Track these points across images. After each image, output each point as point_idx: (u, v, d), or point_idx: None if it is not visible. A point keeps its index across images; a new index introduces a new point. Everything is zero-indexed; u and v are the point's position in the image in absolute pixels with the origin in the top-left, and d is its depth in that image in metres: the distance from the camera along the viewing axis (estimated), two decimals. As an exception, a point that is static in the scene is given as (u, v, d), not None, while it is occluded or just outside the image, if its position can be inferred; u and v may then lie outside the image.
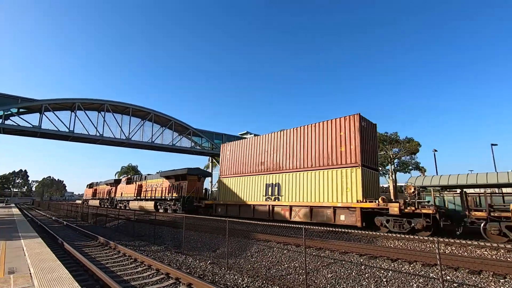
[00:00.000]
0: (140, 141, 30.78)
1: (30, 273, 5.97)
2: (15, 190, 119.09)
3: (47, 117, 25.58)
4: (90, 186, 53.45)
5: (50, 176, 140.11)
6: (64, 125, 26.34)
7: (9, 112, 24.30)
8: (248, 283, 7.38)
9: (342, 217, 13.94)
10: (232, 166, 22.18)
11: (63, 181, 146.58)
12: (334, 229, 8.73)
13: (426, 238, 6.13)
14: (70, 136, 27.17)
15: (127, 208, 32.16)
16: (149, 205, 30.09)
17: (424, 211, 11.42)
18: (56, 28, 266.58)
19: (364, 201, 13.36)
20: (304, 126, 17.45)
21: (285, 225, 8.74)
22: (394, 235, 10.76)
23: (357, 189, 13.89)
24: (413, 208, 11.73)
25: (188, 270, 8.66)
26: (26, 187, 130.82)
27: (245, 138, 40.18)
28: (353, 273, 7.57)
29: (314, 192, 15.72)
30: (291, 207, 16.41)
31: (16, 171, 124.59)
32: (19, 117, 24.77)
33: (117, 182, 39.88)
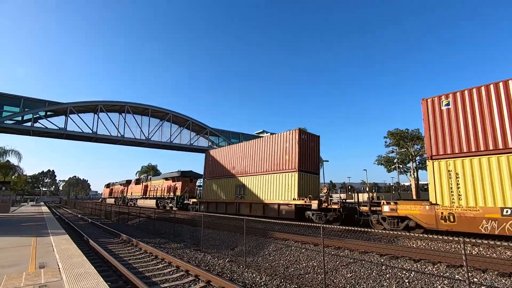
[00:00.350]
0: (159, 141, 31.54)
1: (59, 268, 6.28)
2: (44, 189, 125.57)
3: (72, 120, 26.76)
4: (108, 186, 59.57)
5: (75, 176, 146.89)
6: (88, 126, 27.46)
7: (37, 115, 25.63)
8: (266, 281, 7.39)
9: (283, 212, 17.42)
10: (213, 169, 26.01)
11: (87, 180, 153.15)
12: (353, 228, 8.57)
13: (451, 238, 5.89)
14: (93, 137, 28.28)
15: (136, 205, 35.97)
16: (152, 203, 34.07)
17: (333, 206, 14.87)
18: (69, 31, 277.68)
19: (298, 199, 16.59)
20: (262, 138, 21.84)
21: (303, 224, 8.68)
22: (417, 235, 10.40)
23: (294, 189, 17.22)
24: (326, 204, 15.12)
25: (207, 268, 8.80)
26: (53, 186, 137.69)
27: (261, 136, 40.32)
28: (374, 273, 7.40)
29: (267, 192, 19.28)
30: (251, 204, 20.03)
31: (44, 171, 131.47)
32: (47, 119, 26.08)
33: (128, 182, 44.34)
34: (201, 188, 28.01)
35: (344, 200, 16.39)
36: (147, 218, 22.23)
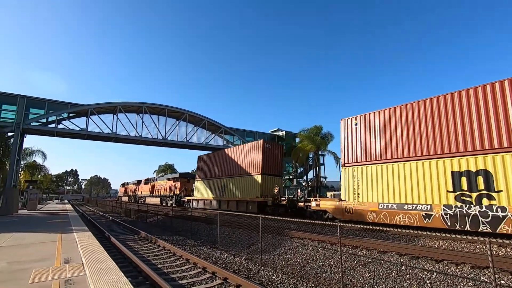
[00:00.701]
0: (176, 140, 32.07)
1: (82, 263, 6.54)
2: (67, 188, 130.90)
3: (92, 121, 27.70)
4: (123, 185, 67.01)
5: (96, 175, 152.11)
6: (108, 127, 28.31)
7: (60, 117, 26.72)
8: (282, 280, 7.37)
9: (250, 207, 21.71)
10: (202, 172, 30.84)
11: (107, 179, 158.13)
12: (371, 227, 8.38)
13: (476, 238, 5.65)
14: (113, 137, 29.15)
15: (144, 202, 40.90)
16: (156, 201, 39.37)
17: (282, 202, 19.88)
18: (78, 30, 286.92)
19: (260, 197, 20.94)
20: (237, 146, 27.21)
21: (319, 222, 8.60)
22: (439, 234, 10.05)
23: (258, 189, 21.62)
24: (277, 201, 20.09)
25: (223, 265, 8.88)
26: (76, 185, 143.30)
27: (276, 135, 40.19)
28: (393, 274, 7.22)
29: (240, 191, 23.81)
30: (228, 201, 24.73)
31: (68, 170, 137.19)
32: (69, 121, 27.14)
33: (139, 182, 50.70)
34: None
35: (292, 198, 21.43)
36: (164, 215, 22.73)
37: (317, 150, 34.00)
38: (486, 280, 6.26)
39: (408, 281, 6.77)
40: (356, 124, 15.55)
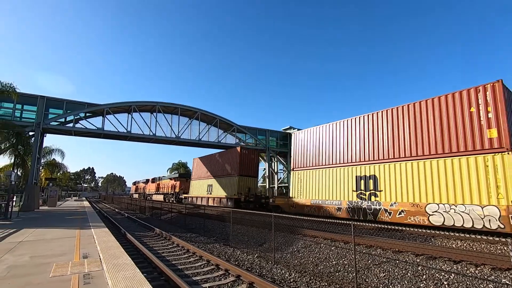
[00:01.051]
0: (189, 139, 32.43)
1: (100, 258, 6.73)
2: (85, 185, 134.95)
3: (108, 120, 28.38)
4: (134, 183, 73.29)
5: (112, 173, 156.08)
6: (123, 126, 28.95)
7: (78, 117, 27.52)
8: (295, 278, 7.35)
9: (229, 204, 25.87)
10: (195, 173, 36.24)
11: (123, 177, 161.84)
12: (385, 227, 8.21)
13: (497, 239, 5.45)
14: (128, 136, 29.78)
15: (151, 199, 47.32)
16: (161, 198, 44.87)
17: (251, 199, 25.04)
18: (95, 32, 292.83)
19: (236, 195, 25.48)
20: (222, 151, 31.47)
21: (332, 221, 8.51)
22: (457, 234, 9.77)
23: (235, 188, 26.16)
24: (247, 197, 25.21)
25: (236, 263, 8.94)
26: (93, 183, 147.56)
27: (288, 133, 40.01)
28: (409, 274, 7.07)
29: (222, 189, 28.49)
30: (214, 198, 29.32)
31: (85, 168, 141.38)
32: (86, 120, 27.91)
33: (147, 181, 56.64)
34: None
35: (259, 195, 27.41)
36: (178, 213, 23.08)
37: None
38: (508, 282, 6.05)
39: (424, 281, 6.61)
40: (302, 137, 19.99)
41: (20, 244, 8.63)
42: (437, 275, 6.82)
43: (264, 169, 39.36)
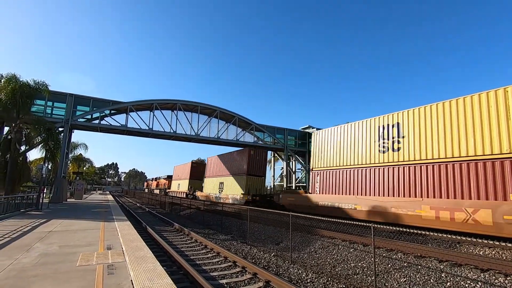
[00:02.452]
0: (208, 136, 32.89)
1: (123, 250, 7.00)
2: (109, 179, 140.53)
3: (131, 117, 29.36)
4: (146, 181, 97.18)
5: (134, 168, 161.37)
6: (145, 123, 29.84)
7: (103, 114, 28.68)
8: (312, 279, 7.29)
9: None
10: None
11: (144, 172, 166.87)
12: (407, 230, 7.95)
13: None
14: (150, 133, 30.67)
15: (153, 193, 57.88)
16: (157, 192, 59.25)
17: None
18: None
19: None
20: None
21: (350, 222, 8.35)
22: (485, 241, 9.29)
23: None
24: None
25: (253, 260, 9.00)
26: (117, 178, 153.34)
27: (307, 132, 39.59)
28: (431, 280, 6.81)
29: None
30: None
31: (109, 163, 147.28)
32: (111, 117, 29.04)
33: (153, 179, 76.91)
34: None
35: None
36: (196, 209, 23.51)
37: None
38: (541, 294, 5.68)
39: (448, 289, 6.34)
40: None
41: (50, 234, 9.15)
42: (462, 283, 6.53)
43: (282, 168, 39.17)
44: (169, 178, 56.58)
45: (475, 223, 10.34)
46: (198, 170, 42.30)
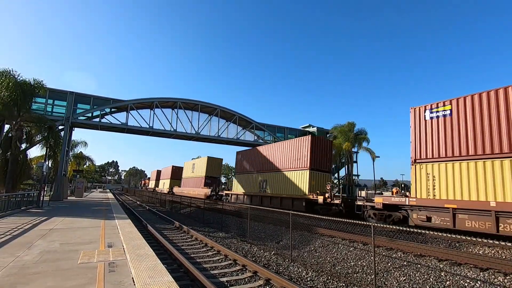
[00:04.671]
0: (208, 135, 32.95)
1: (123, 248, 7.03)
2: (109, 178, 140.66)
3: (132, 115, 29.41)
4: (143, 179, 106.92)
5: (134, 167, 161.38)
6: (145, 121, 29.87)
7: (104, 112, 28.71)
8: (312, 277, 7.32)
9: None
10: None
11: (144, 171, 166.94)
12: (407, 229, 7.98)
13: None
14: (150, 131, 30.72)
15: (147, 190, 65.91)
16: (144, 189, 72.71)
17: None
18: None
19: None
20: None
21: (351, 221, 8.38)
22: (485, 240, 9.30)
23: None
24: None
25: (253, 259, 9.03)
26: (117, 176, 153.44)
27: (307, 131, 39.59)
28: (431, 279, 6.84)
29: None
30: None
31: (109, 161, 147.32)
32: (111, 115, 29.09)
33: (147, 178, 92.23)
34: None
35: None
36: (196, 207, 23.55)
37: (350, 147, 33.22)
38: (540, 293, 5.70)
39: (448, 288, 6.37)
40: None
41: (51, 231, 9.18)
42: (461, 282, 6.55)
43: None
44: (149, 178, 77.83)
45: None
46: (176, 173, 52.73)
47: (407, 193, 14.07)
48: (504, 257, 8.34)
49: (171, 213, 23.14)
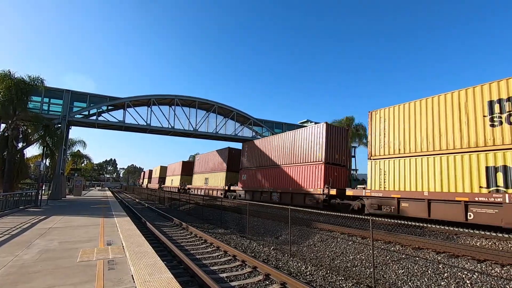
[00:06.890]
0: (206, 131, 32.87)
1: (123, 246, 7.03)
2: (107, 176, 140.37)
3: (129, 113, 29.23)
4: (138, 177, 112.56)
5: (133, 164, 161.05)
6: (143, 119, 29.73)
7: (100, 110, 28.52)
8: (311, 271, 7.37)
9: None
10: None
11: (142, 168, 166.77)
12: (405, 222, 8.04)
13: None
14: (147, 129, 30.59)
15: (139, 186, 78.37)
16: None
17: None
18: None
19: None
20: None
21: (350, 215, 8.42)
22: (482, 232, 9.39)
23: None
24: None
25: (253, 254, 9.07)
26: (115, 174, 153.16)
27: (305, 126, 39.60)
28: (429, 271, 6.90)
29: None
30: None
31: (108, 160, 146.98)
32: (108, 113, 28.90)
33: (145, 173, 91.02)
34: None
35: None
36: (195, 204, 23.59)
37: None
38: (536, 284, 5.77)
39: (445, 280, 6.43)
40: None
41: (49, 230, 9.17)
42: (459, 273, 6.62)
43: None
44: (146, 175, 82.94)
45: None
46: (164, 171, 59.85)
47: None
48: (501, 248, 8.43)
49: (170, 210, 23.16)
